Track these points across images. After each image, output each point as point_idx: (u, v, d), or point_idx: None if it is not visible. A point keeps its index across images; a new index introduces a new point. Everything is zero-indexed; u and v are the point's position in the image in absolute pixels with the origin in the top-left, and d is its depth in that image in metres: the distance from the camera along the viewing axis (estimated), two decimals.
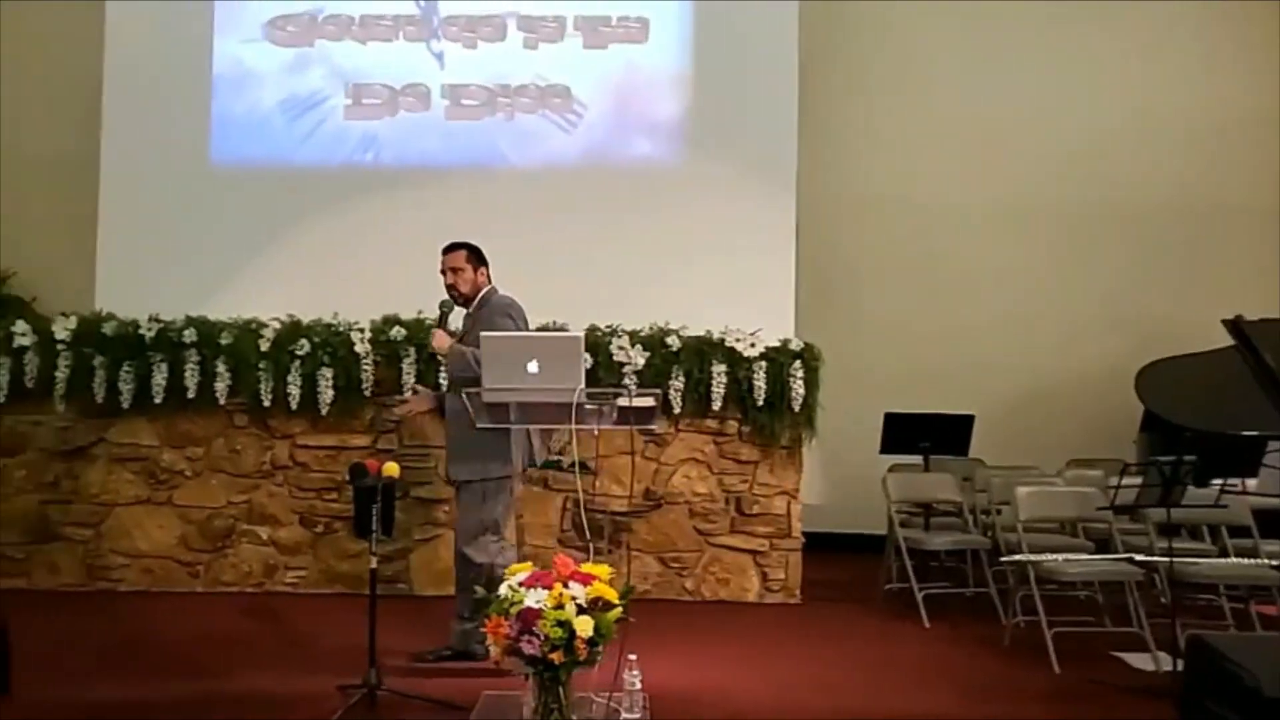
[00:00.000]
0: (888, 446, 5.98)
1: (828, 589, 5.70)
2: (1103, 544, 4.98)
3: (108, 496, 5.52)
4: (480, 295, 4.28)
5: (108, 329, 5.49)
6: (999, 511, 5.25)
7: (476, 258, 4.30)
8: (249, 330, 5.47)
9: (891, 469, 5.79)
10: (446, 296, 4.28)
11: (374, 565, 3.72)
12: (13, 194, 7.07)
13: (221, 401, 5.44)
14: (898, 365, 7.00)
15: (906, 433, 5.94)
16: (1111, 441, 6.51)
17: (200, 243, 6.11)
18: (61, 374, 5.43)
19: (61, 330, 5.48)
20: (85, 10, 6.63)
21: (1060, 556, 4.56)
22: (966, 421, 6.01)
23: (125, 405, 5.45)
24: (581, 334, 4.18)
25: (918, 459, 6.01)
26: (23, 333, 5.49)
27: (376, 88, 6.31)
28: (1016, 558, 4.61)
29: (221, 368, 5.41)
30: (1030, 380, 7.23)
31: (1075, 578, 4.68)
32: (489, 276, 4.33)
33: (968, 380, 6.91)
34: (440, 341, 4.19)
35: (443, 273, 4.29)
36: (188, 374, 5.42)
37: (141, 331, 5.48)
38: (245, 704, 3.70)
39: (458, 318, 4.42)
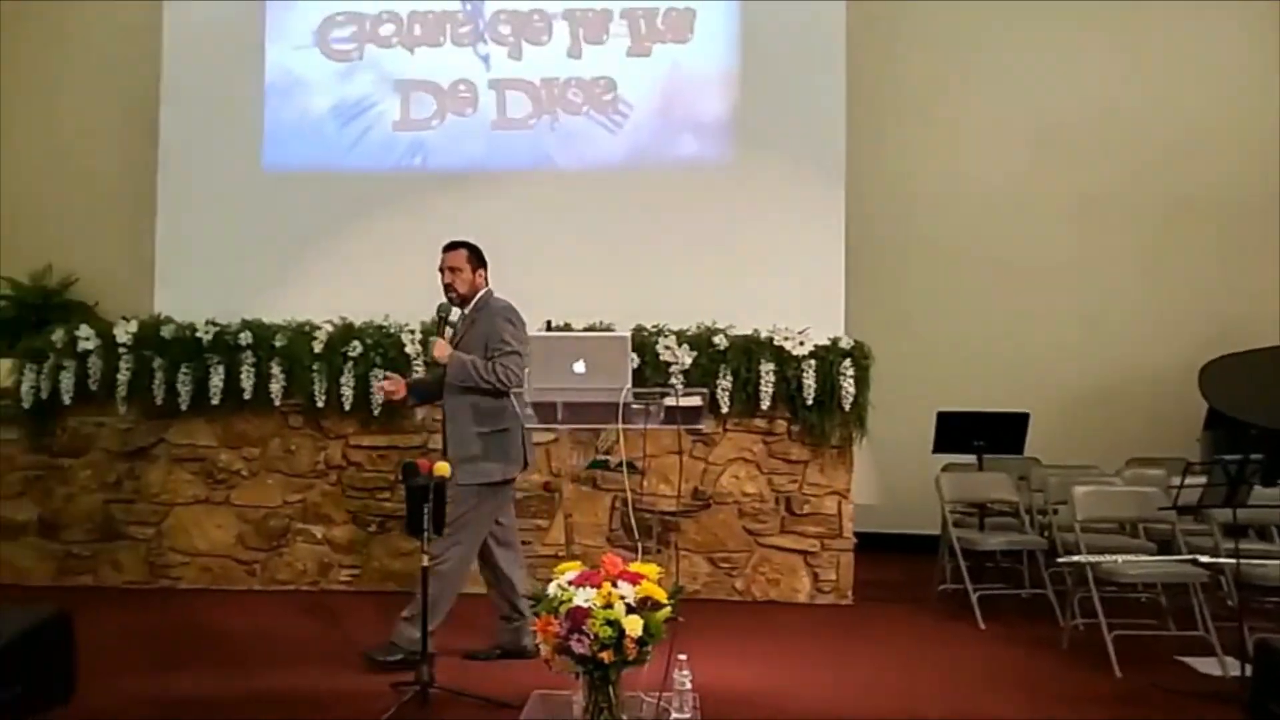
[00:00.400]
0: (941, 445, 5.90)
1: (880, 590, 5.63)
2: (1165, 545, 4.86)
3: (167, 496, 5.65)
4: (478, 297, 4.24)
5: (166, 332, 5.61)
6: (1055, 511, 5.15)
7: (476, 258, 4.27)
8: (303, 333, 5.56)
9: (945, 468, 5.70)
10: (443, 298, 4.24)
11: (426, 563, 3.75)
12: (75, 202, 7.29)
13: (276, 403, 5.53)
14: (950, 363, 6.90)
15: (960, 431, 5.85)
16: (1173, 440, 6.36)
17: (255, 247, 6.22)
18: (123, 376, 5.56)
19: (122, 334, 5.61)
20: (143, 23, 6.80)
21: (1120, 558, 4.46)
22: (1021, 420, 5.90)
23: (184, 407, 5.57)
24: (628, 334, 4.16)
25: (971, 458, 5.91)
26: (86, 337, 5.63)
27: (424, 93, 6.38)
28: (1075, 559, 4.50)
29: (276, 369, 5.50)
30: (1088, 378, 7.08)
31: (1137, 579, 4.57)
32: (486, 279, 4.29)
33: (1022, 378, 6.80)
34: (441, 351, 4.12)
35: (441, 271, 4.24)
36: (244, 376, 5.52)
37: (199, 334, 5.59)
38: (301, 701, 3.75)
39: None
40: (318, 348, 5.50)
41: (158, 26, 6.58)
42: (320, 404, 5.49)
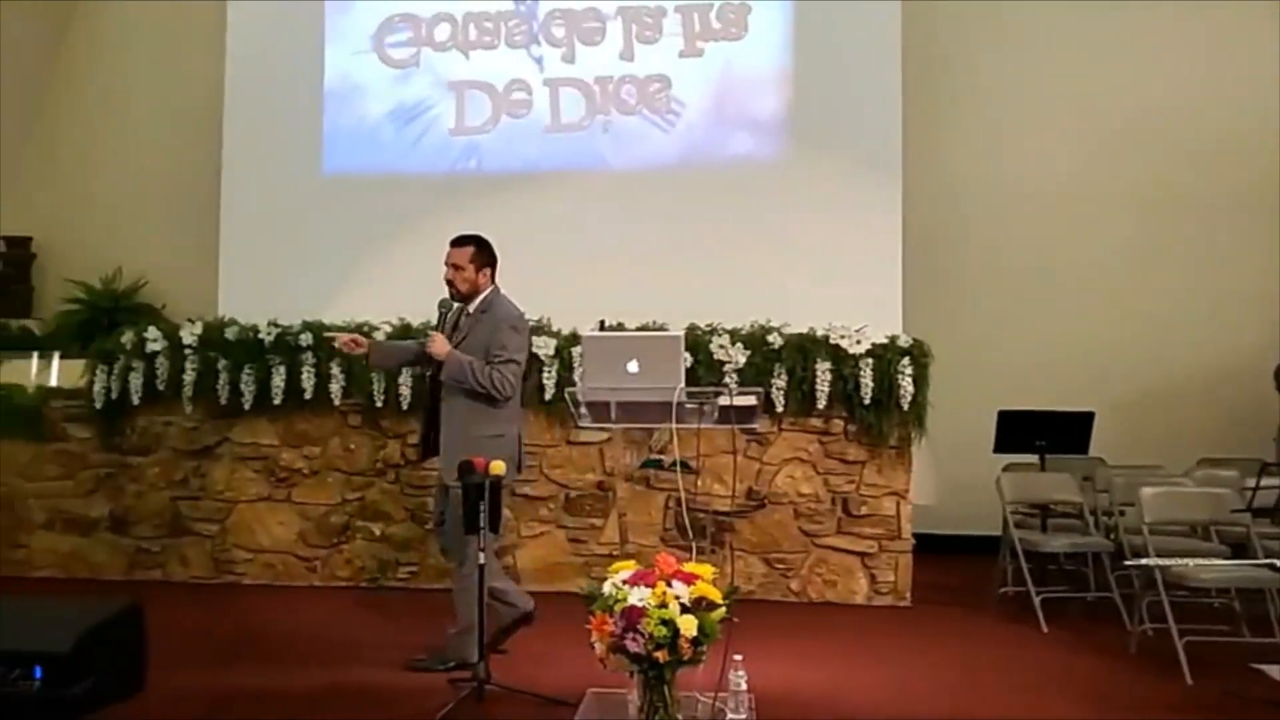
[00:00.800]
0: (1002, 445, 5.77)
1: (939, 592, 5.54)
2: (1239, 548, 4.70)
3: (231, 494, 5.78)
4: (482, 297, 4.10)
5: (230, 334, 5.73)
6: (1122, 513, 5.02)
7: (483, 256, 4.11)
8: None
9: (1006, 468, 5.59)
10: (446, 296, 4.11)
11: (483, 561, 3.77)
12: (143, 207, 7.50)
13: (336, 402, 5.62)
14: (1011, 361, 6.76)
15: (1021, 431, 5.72)
16: (1246, 440, 6.16)
17: (315, 250, 6.34)
18: (189, 377, 5.69)
19: (188, 335, 5.74)
20: (207, 31, 6.98)
21: (1192, 561, 4.32)
22: (1085, 419, 5.74)
23: (247, 406, 5.68)
24: (681, 333, 4.16)
25: (1034, 458, 5.78)
26: (154, 338, 5.77)
27: (479, 96, 6.44)
28: (1144, 561, 4.37)
29: (336, 370, 5.58)
30: (1155, 376, 6.88)
31: (1210, 584, 4.41)
32: (492, 278, 4.16)
33: (1086, 376, 6.63)
34: (440, 347, 3.97)
35: (446, 267, 4.10)
36: (304, 376, 5.61)
37: (261, 336, 5.71)
38: (361, 695, 3.81)
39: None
40: None
41: (221, 36, 6.76)
42: (379, 403, 5.57)
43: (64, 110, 7.74)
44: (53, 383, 6.27)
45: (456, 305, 4.11)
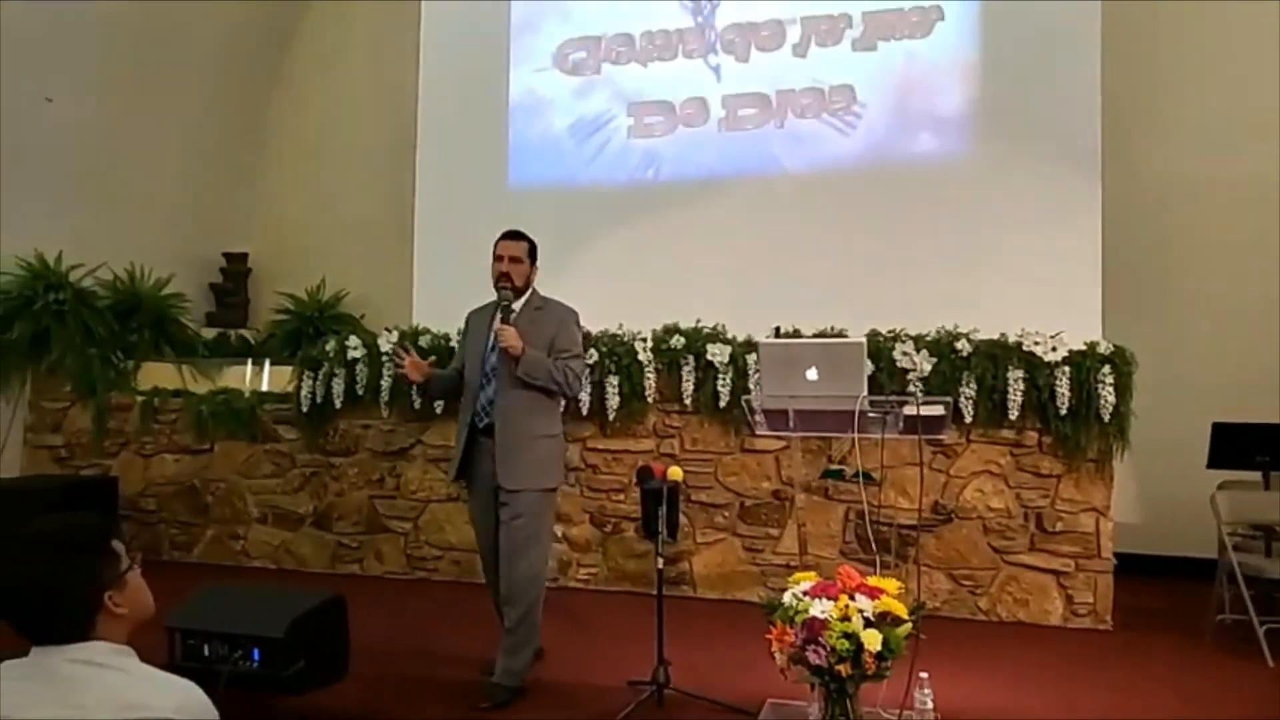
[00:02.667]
0: (1216, 460, 5.32)
1: (1144, 616, 5.16)
2: None
3: (423, 493, 6.06)
4: (531, 293, 3.98)
5: (423, 342, 6.01)
6: None
7: (535, 251, 4.00)
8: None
9: (1221, 486, 5.14)
10: (504, 289, 3.90)
11: (660, 565, 3.80)
12: (344, 223, 8.01)
13: None
14: (1225, 369, 6.20)
15: (1240, 445, 5.25)
16: None
17: None
18: (385, 383, 6.01)
19: (385, 343, 6.06)
20: (402, 58, 7.40)
21: None
22: None
23: (438, 411, 5.95)
24: (863, 339, 4.06)
25: (1255, 475, 5.30)
26: (354, 346, 6.14)
27: (657, 106, 6.53)
28: None
29: None
30: None
31: None
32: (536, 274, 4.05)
33: None
34: (514, 340, 3.74)
35: (498, 259, 3.92)
36: None
37: (452, 344, 5.96)
38: (544, 692, 3.91)
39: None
40: None
41: (415, 61, 7.16)
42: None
43: (276, 138, 8.39)
44: (264, 387, 6.81)
45: (502, 305, 3.90)
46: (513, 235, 3.99)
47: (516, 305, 3.92)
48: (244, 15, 7.83)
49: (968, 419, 5.10)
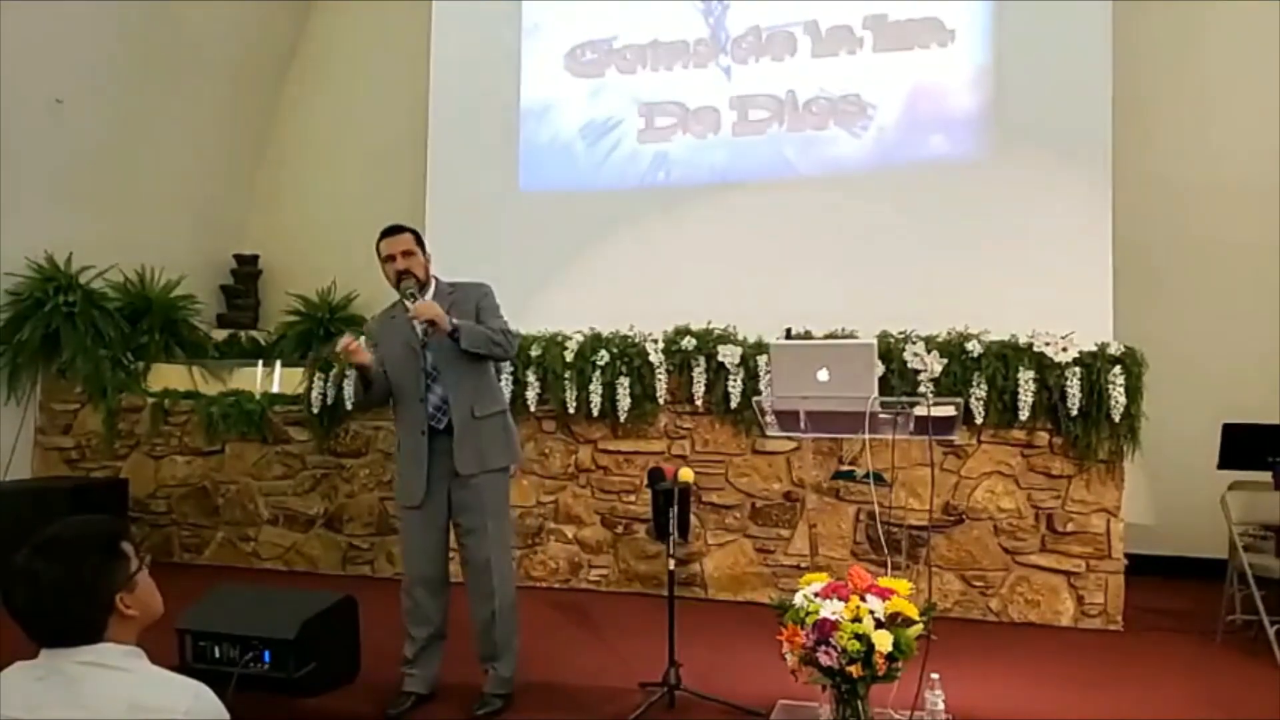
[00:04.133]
0: (1227, 461, 5.28)
1: (1155, 617, 5.14)
2: None
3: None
4: (435, 284, 3.79)
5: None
6: None
7: (421, 240, 3.81)
8: (555, 343, 5.81)
9: (1232, 486, 5.11)
10: (407, 286, 3.68)
11: (672, 566, 3.80)
12: (354, 225, 7.96)
13: (531, 408, 5.80)
14: (1237, 369, 6.17)
15: (1251, 446, 5.20)
16: None
17: (512, 264, 6.58)
18: None
19: None
20: (411, 61, 7.41)
21: None
22: None
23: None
24: (873, 341, 4.05)
25: (1266, 476, 5.26)
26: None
27: (667, 109, 6.52)
28: None
29: (531, 377, 5.76)
30: None
31: None
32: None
33: None
34: (433, 311, 3.54)
35: (389, 259, 3.73)
36: (502, 383, 5.83)
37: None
38: (556, 694, 3.92)
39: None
40: (569, 357, 5.73)
41: (425, 64, 7.17)
42: (571, 410, 5.72)
43: (287, 140, 8.41)
44: (275, 389, 6.81)
45: (405, 305, 3.67)
46: (393, 230, 3.79)
47: (425, 297, 3.68)
48: (255, 17, 7.85)
49: (978, 420, 5.09)
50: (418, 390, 3.71)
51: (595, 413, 5.66)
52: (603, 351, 5.66)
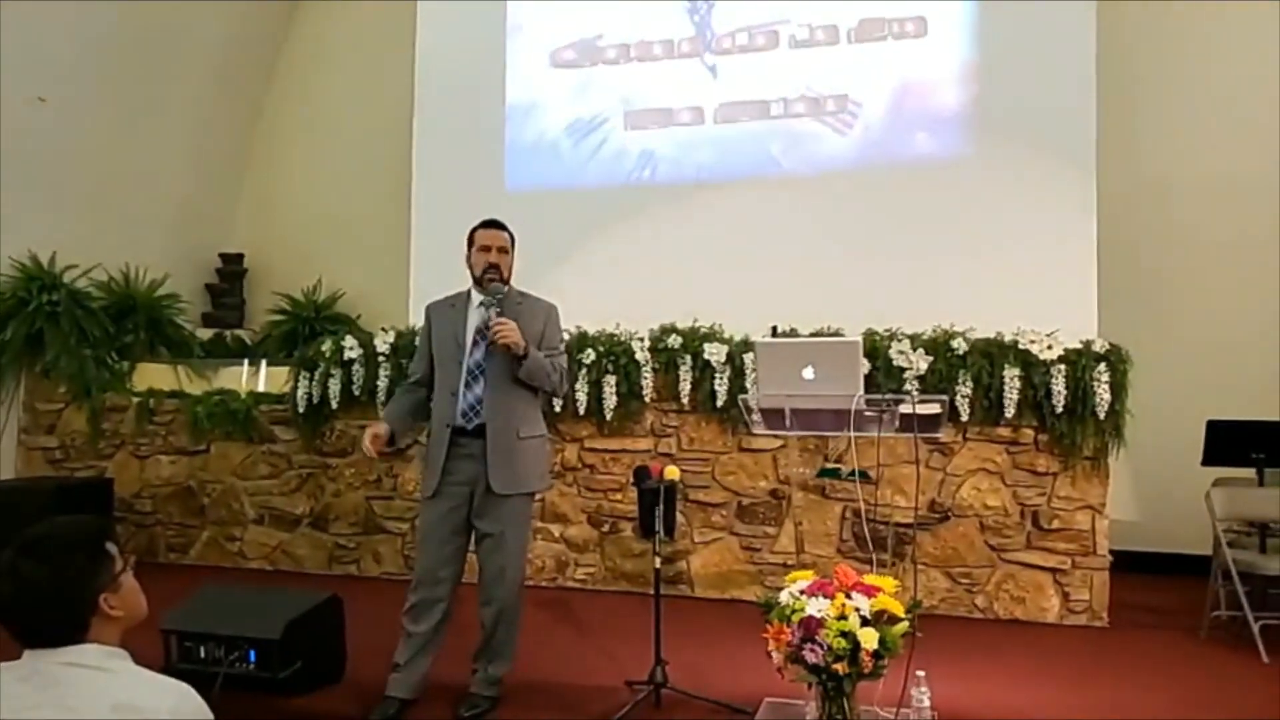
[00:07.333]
0: (1211, 458, 5.34)
1: (1140, 613, 5.18)
2: None
3: (420, 494, 6.04)
4: (509, 288, 3.74)
5: (419, 342, 6.01)
6: None
7: (514, 243, 3.79)
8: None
9: (1216, 483, 5.16)
10: (494, 282, 3.66)
11: (658, 565, 3.80)
12: (340, 224, 8.00)
13: None
14: (1221, 366, 6.22)
15: (1235, 442, 5.27)
16: None
17: None
18: (382, 383, 6.00)
19: (382, 343, 6.05)
20: (398, 60, 7.39)
21: None
22: None
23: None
24: (859, 338, 4.06)
25: (1249, 472, 5.32)
26: (351, 346, 6.12)
27: (653, 106, 6.53)
28: None
29: None
30: None
31: None
32: None
33: None
34: (516, 337, 3.52)
35: (485, 249, 3.69)
36: None
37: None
38: (541, 692, 3.91)
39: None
40: None
41: (411, 62, 7.15)
42: (558, 408, 5.71)
43: (272, 139, 8.38)
44: (261, 388, 6.78)
45: (497, 299, 3.63)
46: (496, 224, 3.78)
47: (500, 298, 3.65)
48: (239, 16, 7.82)
49: (964, 417, 5.11)
50: (456, 382, 3.64)
51: (582, 411, 5.65)
52: (589, 350, 5.66)
